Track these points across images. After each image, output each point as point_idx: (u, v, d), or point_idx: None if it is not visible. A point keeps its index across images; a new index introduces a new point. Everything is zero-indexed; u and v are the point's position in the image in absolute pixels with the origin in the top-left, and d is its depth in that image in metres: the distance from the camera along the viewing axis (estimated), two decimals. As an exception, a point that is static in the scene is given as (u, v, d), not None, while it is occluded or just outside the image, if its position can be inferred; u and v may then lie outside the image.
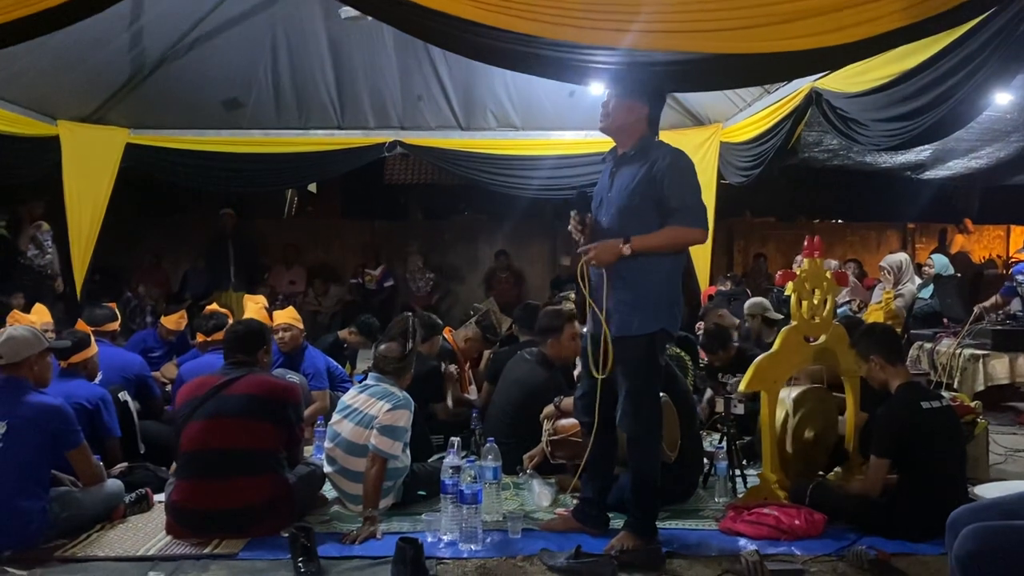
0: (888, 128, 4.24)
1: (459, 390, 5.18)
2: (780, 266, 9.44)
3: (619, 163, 3.17)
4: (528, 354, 4.46)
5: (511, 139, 7.25)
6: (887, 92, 4.12)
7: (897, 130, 4.16)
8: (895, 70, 4.01)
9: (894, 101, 4.10)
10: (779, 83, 5.39)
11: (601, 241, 3.06)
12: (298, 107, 7.00)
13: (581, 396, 3.26)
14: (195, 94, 6.68)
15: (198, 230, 10.07)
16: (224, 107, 6.91)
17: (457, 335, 5.46)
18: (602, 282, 3.07)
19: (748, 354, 4.74)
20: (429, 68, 6.70)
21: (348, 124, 7.19)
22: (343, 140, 7.21)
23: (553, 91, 6.47)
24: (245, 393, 3.22)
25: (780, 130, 5.52)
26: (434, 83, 6.84)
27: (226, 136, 7.11)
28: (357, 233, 11.49)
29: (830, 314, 3.79)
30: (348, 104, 7.02)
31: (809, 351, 3.74)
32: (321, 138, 7.21)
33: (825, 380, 3.91)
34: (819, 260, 3.80)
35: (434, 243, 11.19)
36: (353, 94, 6.93)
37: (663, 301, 3.06)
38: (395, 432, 3.41)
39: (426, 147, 7.32)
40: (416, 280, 10.27)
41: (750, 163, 6.21)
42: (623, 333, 3.05)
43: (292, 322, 5.07)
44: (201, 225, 10.06)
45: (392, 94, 6.94)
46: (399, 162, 12.55)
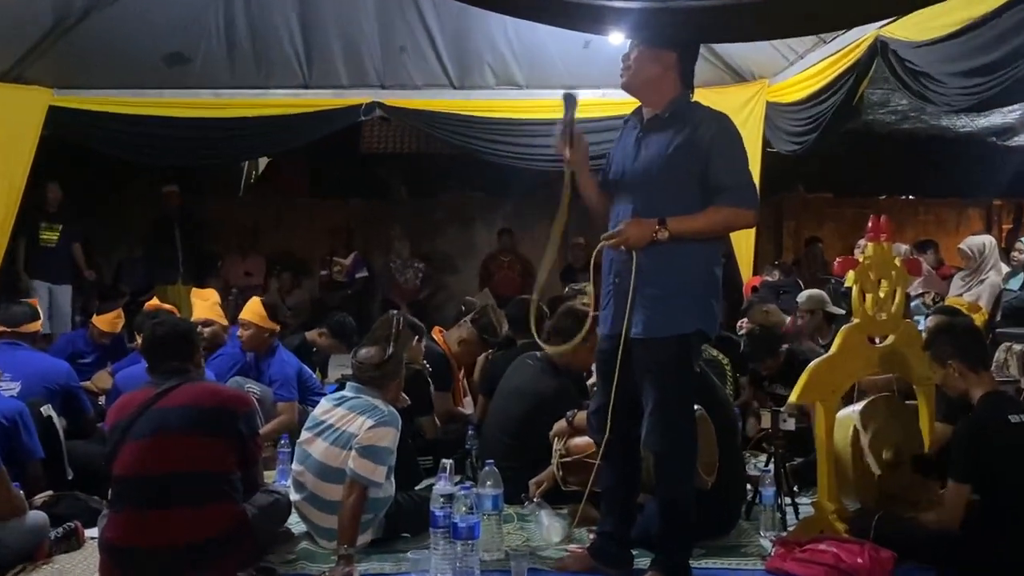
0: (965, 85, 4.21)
1: (451, 402, 5.18)
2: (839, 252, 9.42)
3: (648, 127, 3.17)
4: (531, 359, 4.46)
5: (513, 99, 7.23)
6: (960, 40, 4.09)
7: (975, 87, 4.13)
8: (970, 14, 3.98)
9: (969, 51, 4.07)
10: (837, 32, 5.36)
11: (633, 220, 3.06)
12: (256, 62, 6.97)
13: (597, 410, 3.26)
14: (131, 47, 6.65)
15: (136, 211, 10.05)
16: (166, 62, 6.88)
17: (449, 336, 5.46)
18: (628, 271, 3.07)
19: (801, 358, 4.74)
20: (414, 14, 6.67)
21: (316, 82, 7.17)
22: (310, 102, 7.19)
23: (564, 42, 6.45)
24: (186, 404, 3.21)
25: (840, 87, 5.49)
26: (420, 32, 6.81)
27: (169, 97, 7.09)
28: (328, 214, 11.48)
29: (900, 309, 3.79)
30: (317, 58, 7.00)
31: (874, 355, 3.74)
32: (284, 99, 7.19)
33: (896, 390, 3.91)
34: (886, 244, 3.80)
35: (422, 226, 11.17)
36: (323, 46, 6.90)
37: (699, 295, 3.07)
38: (378, 454, 3.41)
39: (411, 110, 7.30)
40: (402, 270, 10.26)
41: (804, 127, 6.20)
42: (651, 334, 3.05)
43: (251, 318, 5.10)
44: (140, 205, 10.04)
45: (370, 46, 6.92)
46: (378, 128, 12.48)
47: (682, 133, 3.07)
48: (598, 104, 6.85)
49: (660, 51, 3.15)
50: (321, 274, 10.40)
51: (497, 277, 10.12)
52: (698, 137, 3.04)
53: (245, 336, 5.10)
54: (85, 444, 4.30)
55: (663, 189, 3.07)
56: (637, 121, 3.25)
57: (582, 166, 3.24)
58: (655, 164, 3.09)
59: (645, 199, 3.09)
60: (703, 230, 3.05)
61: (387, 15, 6.67)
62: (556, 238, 3.29)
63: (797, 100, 6.23)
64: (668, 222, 3.00)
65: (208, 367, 4.53)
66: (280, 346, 5.26)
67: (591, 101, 7.10)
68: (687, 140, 3.05)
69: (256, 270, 10.21)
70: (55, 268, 7.82)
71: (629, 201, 3.14)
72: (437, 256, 11.05)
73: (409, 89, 7.28)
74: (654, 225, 3.01)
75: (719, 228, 3.11)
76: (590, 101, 7.23)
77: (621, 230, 3.08)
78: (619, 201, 3.21)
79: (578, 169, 3.23)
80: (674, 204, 3.04)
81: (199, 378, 3.42)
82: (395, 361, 3.69)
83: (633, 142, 3.20)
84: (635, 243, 3.04)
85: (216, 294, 6.05)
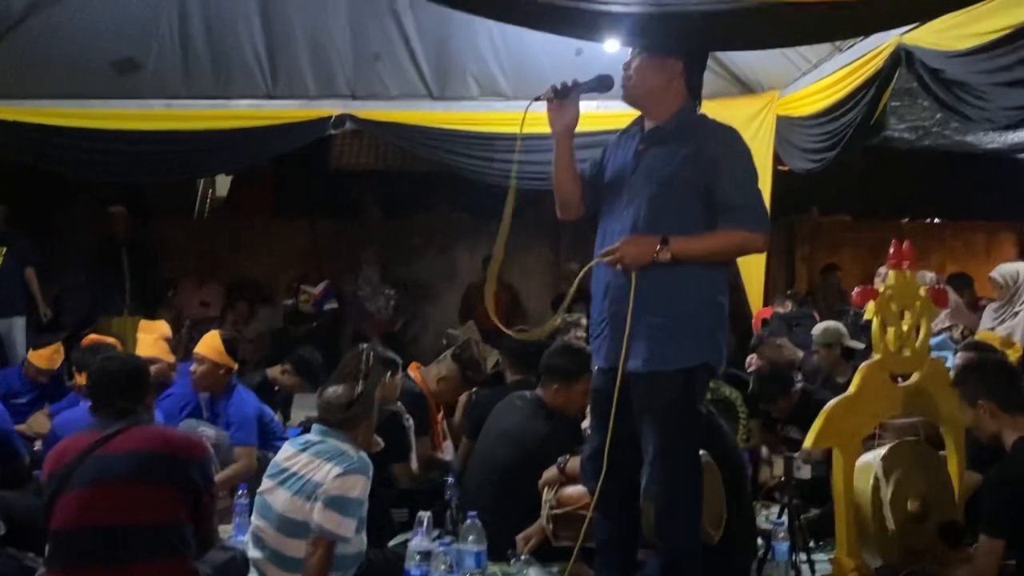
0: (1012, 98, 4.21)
1: (429, 447, 5.17)
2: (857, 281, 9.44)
3: (650, 140, 3.22)
4: (520, 399, 4.47)
5: (499, 112, 7.25)
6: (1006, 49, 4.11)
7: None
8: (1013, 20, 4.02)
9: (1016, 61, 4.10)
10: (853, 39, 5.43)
11: (632, 236, 3.09)
12: (214, 69, 6.99)
13: (592, 455, 3.26)
14: (75, 52, 6.66)
15: (79, 234, 10.03)
16: (115, 69, 6.90)
17: (427, 373, 5.46)
18: (625, 296, 3.08)
19: (816, 398, 4.75)
20: (390, 18, 6.72)
21: (281, 92, 7.19)
22: (274, 113, 7.20)
23: (554, 49, 6.49)
24: (133, 450, 3.20)
25: (859, 100, 5.56)
26: (396, 38, 6.86)
27: (117, 108, 7.08)
28: (293, 237, 11.48)
29: (925, 344, 3.81)
30: (281, 66, 7.04)
31: (897, 394, 3.75)
32: (245, 111, 7.21)
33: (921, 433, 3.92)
34: (909, 272, 3.82)
35: (397, 249, 11.19)
36: (288, 52, 6.94)
37: (705, 326, 3.10)
38: (347, 505, 3.40)
39: (385, 122, 7.33)
40: (371, 298, 10.25)
41: (819, 143, 6.25)
42: (652, 368, 3.06)
43: (207, 353, 5.09)
44: (83, 227, 10.03)
45: (340, 52, 6.96)
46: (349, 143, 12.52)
47: (687, 147, 3.11)
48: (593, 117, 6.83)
49: (665, 59, 3.20)
50: (286, 304, 10.38)
51: (481, 308, 10.10)
52: (704, 152, 3.09)
53: (199, 373, 5.05)
54: (19, 495, 4.27)
55: (665, 207, 3.10)
56: (637, 132, 3.29)
57: (564, 134, 3.30)
58: (657, 179, 3.13)
59: (645, 216, 3.12)
60: (709, 253, 3.08)
61: (359, 19, 6.72)
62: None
63: (811, 114, 6.29)
64: (671, 241, 3.03)
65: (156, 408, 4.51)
66: (239, 385, 5.23)
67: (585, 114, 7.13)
68: (692, 155, 3.09)
69: (213, 299, 10.19)
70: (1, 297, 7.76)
71: (627, 218, 3.17)
72: (414, 283, 11.04)
73: (383, 100, 7.31)
74: (655, 243, 3.03)
75: (726, 251, 3.15)
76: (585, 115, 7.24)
77: (618, 247, 3.10)
78: (615, 217, 3.24)
79: (559, 137, 3.29)
80: (677, 223, 3.07)
81: (148, 421, 3.40)
82: (365, 400, 3.67)
83: (633, 154, 3.24)
84: (633, 262, 3.06)
85: (166, 327, 6.02)
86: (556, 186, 3.37)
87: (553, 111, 3.28)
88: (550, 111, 3.29)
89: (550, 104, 3.27)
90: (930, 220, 13.88)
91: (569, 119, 3.29)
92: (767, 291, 7.74)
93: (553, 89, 3.25)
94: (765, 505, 4.68)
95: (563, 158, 3.32)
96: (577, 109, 3.29)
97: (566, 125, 3.29)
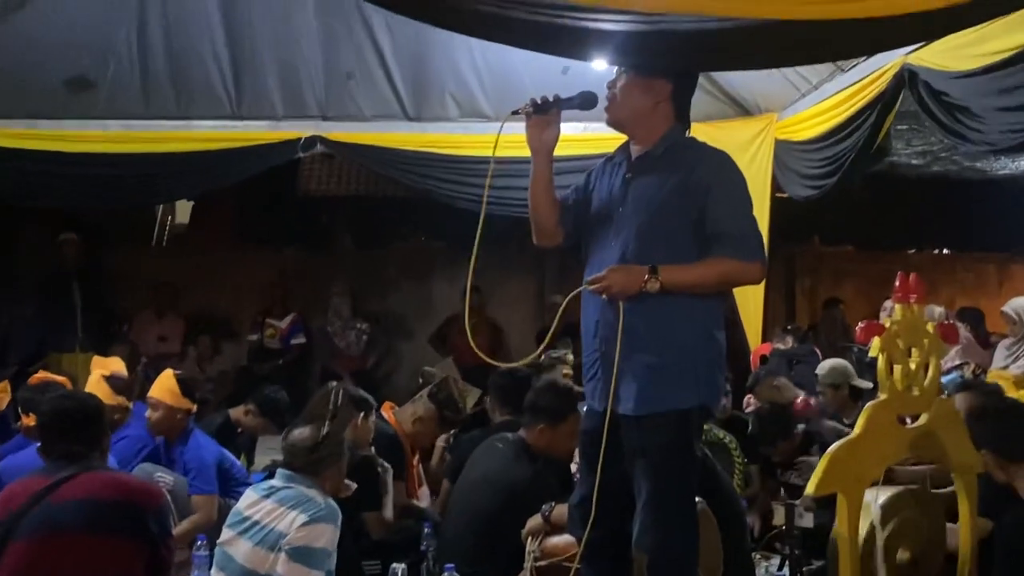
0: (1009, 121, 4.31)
1: (404, 494, 5.14)
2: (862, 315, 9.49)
3: (638, 167, 3.24)
4: (502, 441, 4.46)
5: (479, 135, 7.26)
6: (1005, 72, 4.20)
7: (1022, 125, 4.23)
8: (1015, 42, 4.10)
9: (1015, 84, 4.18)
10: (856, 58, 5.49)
11: (619, 265, 3.11)
12: (175, 88, 7.02)
13: (580, 503, 3.26)
14: (25, 69, 6.68)
15: (27, 264, 10.00)
16: (68, 88, 6.91)
17: (402, 413, 5.44)
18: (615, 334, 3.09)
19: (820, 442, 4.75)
20: (364, 34, 6.76)
21: (246, 113, 7.22)
22: (239, 135, 7.22)
23: (539, 68, 6.51)
24: (85, 498, 3.19)
25: (862, 123, 5.61)
26: (371, 55, 6.90)
27: (70, 129, 7.09)
28: (258, 267, 11.45)
29: (934, 384, 3.82)
30: (247, 84, 7.06)
31: (905, 437, 3.75)
32: (207, 132, 7.21)
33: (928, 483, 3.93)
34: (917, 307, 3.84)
35: (369, 281, 11.19)
36: (254, 70, 6.97)
37: (700, 363, 3.11)
38: (313, 557, 3.38)
39: (358, 145, 7.37)
40: (341, 333, 10.22)
41: (819, 169, 6.30)
42: (643, 410, 3.07)
43: (162, 396, 5.05)
44: (31, 257, 9.99)
45: (310, 70, 6.99)
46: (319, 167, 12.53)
47: (677, 173, 3.13)
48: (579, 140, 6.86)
49: (652, 79, 3.22)
50: (250, 339, 10.34)
51: (460, 342, 10.08)
52: (695, 178, 3.11)
53: (154, 419, 5.00)
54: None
55: (655, 237, 3.12)
56: (624, 158, 3.31)
57: (542, 153, 3.31)
58: (646, 208, 3.14)
59: (634, 248, 3.14)
60: (700, 283, 3.09)
61: (331, 35, 6.75)
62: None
63: (811, 138, 6.33)
64: (660, 271, 3.04)
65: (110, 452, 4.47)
66: (195, 430, 5.19)
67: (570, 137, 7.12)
68: (682, 182, 3.11)
69: (172, 334, 10.11)
70: None
71: (615, 249, 3.18)
72: (388, 317, 11.03)
73: (356, 121, 7.35)
74: (643, 273, 3.04)
75: (719, 282, 3.16)
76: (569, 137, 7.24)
77: (605, 275, 3.11)
78: (602, 249, 3.25)
79: (537, 155, 3.31)
80: (668, 254, 3.09)
81: (101, 466, 3.38)
82: (332, 443, 3.67)
83: (620, 183, 3.26)
84: (621, 291, 3.07)
85: (120, 364, 5.96)
86: (532, 208, 3.39)
87: (532, 127, 3.30)
88: (529, 127, 3.30)
89: (529, 120, 3.29)
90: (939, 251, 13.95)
91: (549, 137, 3.30)
92: (766, 326, 7.74)
93: (532, 103, 3.27)
94: (765, 556, 4.66)
95: (540, 178, 3.33)
96: (558, 127, 3.31)
97: (545, 143, 3.31)
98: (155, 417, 5.01)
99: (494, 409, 5.44)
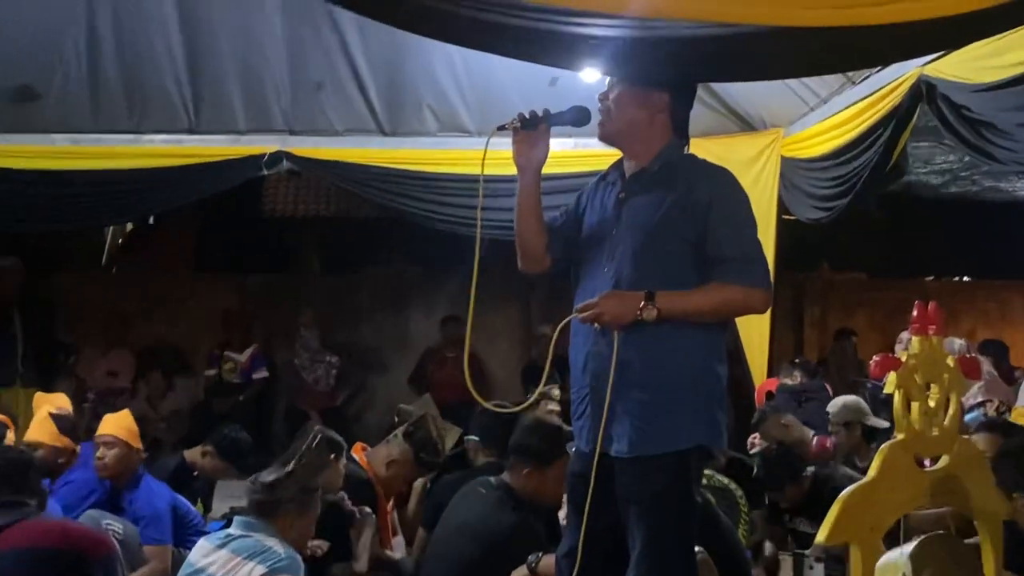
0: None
1: (377, 543, 5.13)
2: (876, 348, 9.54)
3: (632, 186, 3.27)
4: (485, 486, 4.45)
5: (460, 151, 7.29)
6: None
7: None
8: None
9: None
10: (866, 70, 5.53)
11: (612, 292, 3.13)
12: (127, 100, 7.02)
13: (569, 552, 3.26)
14: (-37, 79, 6.70)
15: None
16: (10, 99, 6.91)
17: (374, 455, 5.43)
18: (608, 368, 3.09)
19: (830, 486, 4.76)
20: (335, 42, 6.78)
21: (206, 126, 7.23)
22: (197, 151, 7.23)
23: (525, 79, 6.55)
24: (25, 547, 3.20)
25: (875, 139, 5.63)
26: (342, 65, 6.92)
27: (13, 144, 7.10)
28: (219, 295, 11.42)
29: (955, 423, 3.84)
30: (207, 96, 7.08)
31: (924, 481, 3.76)
32: (163, 148, 7.23)
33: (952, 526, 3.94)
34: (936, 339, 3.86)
35: (340, 309, 11.19)
36: (215, 81, 6.99)
37: (700, 400, 3.12)
38: (273, 611, 3.37)
39: (328, 161, 7.38)
40: (309, 367, 10.20)
41: (829, 189, 6.33)
42: (638, 451, 3.08)
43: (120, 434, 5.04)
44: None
45: (276, 81, 7.01)
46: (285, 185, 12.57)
47: (674, 192, 3.15)
48: (569, 157, 6.92)
49: (647, 91, 3.26)
50: (207, 374, 10.30)
51: (439, 379, 10.07)
52: (694, 197, 3.13)
53: (110, 459, 4.98)
54: None
55: (651, 262, 3.14)
56: (617, 177, 3.34)
57: (530, 171, 3.32)
58: (642, 231, 3.16)
59: (628, 275, 3.15)
60: (700, 311, 3.10)
61: (299, 42, 6.76)
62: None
63: (820, 155, 6.36)
64: (657, 297, 3.04)
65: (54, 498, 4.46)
66: (146, 474, 5.17)
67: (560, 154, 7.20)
68: (680, 201, 3.13)
69: (122, 368, 10.09)
70: None
71: (607, 276, 3.20)
72: (360, 349, 11.03)
73: (326, 135, 7.36)
74: (639, 300, 3.05)
75: (720, 310, 3.17)
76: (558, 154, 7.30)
77: (597, 302, 3.12)
78: (594, 276, 3.27)
79: (524, 173, 3.32)
80: (665, 281, 3.10)
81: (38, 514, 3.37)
82: (296, 483, 3.66)
83: (613, 203, 3.28)
84: (614, 320, 3.08)
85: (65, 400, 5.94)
86: (518, 232, 3.40)
87: (519, 143, 3.31)
88: (516, 143, 3.32)
89: (516, 135, 3.31)
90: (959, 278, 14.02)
91: (537, 154, 3.32)
92: (771, 359, 7.75)
93: (520, 118, 3.29)
94: (772, 611, 4.69)
95: (527, 199, 3.35)
96: (547, 144, 3.33)
97: (533, 160, 3.32)
98: (111, 457, 4.98)
99: (476, 450, 5.44)
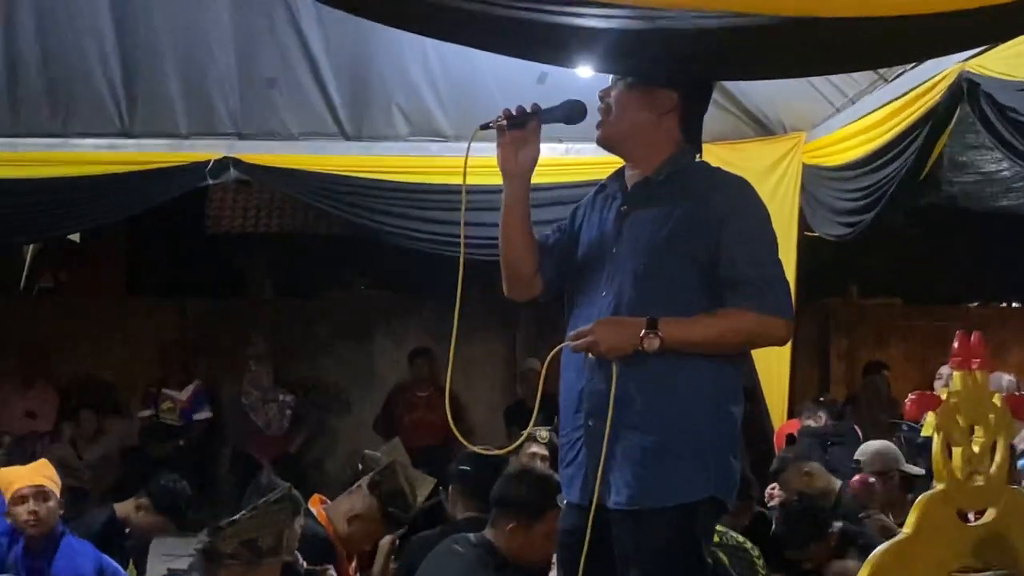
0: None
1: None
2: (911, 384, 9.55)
3: (634, 198, 3.24)
4: (463, 543, 4.41)
5: (435, 157, 7.34)
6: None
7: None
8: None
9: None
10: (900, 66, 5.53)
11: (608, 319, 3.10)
12: (50, 100, 7.04)
13: (560, 621, 3.23)
14: None
15: None
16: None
17: (335, 509, 5.38)
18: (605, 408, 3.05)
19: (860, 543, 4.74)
20: (291, 34, 6.80)
21: (141, 130, 7.24)
22: (131, 157, 7.25)
23: (509, 75, 6.56)
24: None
25: (908, 145, 5.65)
26: (299, 60, 6.93)
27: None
28: (155, 323, 11.43)
29: (1003, 470, 3.81)
30: (142, 95, 7.09)
31: (968, 537, 3.74)
32: (92, 154, 7.25)
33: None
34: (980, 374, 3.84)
35: (295, 339, 11.20)
36: (151, 78, 6.99)
37: (710, 444, 3.10)
38: None
39: (282, 169, 7.40)
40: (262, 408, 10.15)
41: (856, 202, 6.34)
42: (639, 503, 3.05)
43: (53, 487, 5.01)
44: None
45: (222, 77, 7.02)
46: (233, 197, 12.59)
47: (683, 205, 3.13)
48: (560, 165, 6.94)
49: (654, 89, 3.23)
50: (142, 414, 10.30)
51: (409, 421, 10.04)
52: (706, 211, 3.11)
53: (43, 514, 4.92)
54: None
55: (656, 285, 3.10)
56: (618, 188, 3.31)
57: (518, 177, 3.29)
58: (645, 249, 3.13)
59: (630, 300, 3.12)
60: (711, 341, 3.07)
61: (249, 33, 6.79)
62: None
63: (846, 163, 6.39)
64: (661, 325, 3.01)
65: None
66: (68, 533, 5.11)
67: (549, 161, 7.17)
68: (690, 214, 3.11)
69: (43, 408, 10.09)
70: None
71: (606, 301, 3.17)
72: (318, 385, 11.03)
73: (280, 140, 7.38)
74: (640, 328, 3.01)
75: (734, 340, 3.13)
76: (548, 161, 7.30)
77: (592, 329, 3.09)
78: (590, 302, 3.24)
79: (511, 180, 3.28)
80: (671, 307, 3.07)
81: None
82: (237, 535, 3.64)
83: (614, 218, 3.26)
84: (611, 350, 3.04)
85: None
86: (504, 250, 3.35)
87: (505, 145, 3.27)
88: (501, 145, 3.28)
89: (502, 136, 3.27)
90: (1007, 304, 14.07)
91: (526, 156, 3.28)
92: (792, 398, 7.77)
93: (506, 115, 3.25)
94: None
95: (515, 209, 3.30)
96: (537, 145, 3.29)
97: (522, 164, 3.28)
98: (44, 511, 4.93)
99: (454, 503, 5.40)
